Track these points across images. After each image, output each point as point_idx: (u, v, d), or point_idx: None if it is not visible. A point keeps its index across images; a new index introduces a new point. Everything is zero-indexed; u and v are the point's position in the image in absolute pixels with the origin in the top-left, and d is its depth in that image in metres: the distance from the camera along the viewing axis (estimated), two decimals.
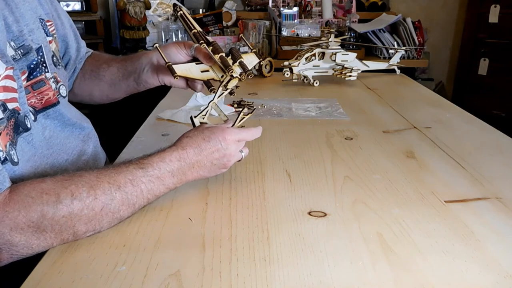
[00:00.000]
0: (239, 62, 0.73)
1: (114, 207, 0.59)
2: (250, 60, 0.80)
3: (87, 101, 0.96)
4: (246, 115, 0.77)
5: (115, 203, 0.59)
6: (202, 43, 0.74)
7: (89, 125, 0.85)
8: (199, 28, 0.79)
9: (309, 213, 0.66)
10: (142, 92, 0.93)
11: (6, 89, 0.59)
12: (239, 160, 0.74)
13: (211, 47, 0.75)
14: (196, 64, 0.76)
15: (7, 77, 0.59)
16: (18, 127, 0.62)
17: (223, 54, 0.73)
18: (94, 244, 0.58)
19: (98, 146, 0.88)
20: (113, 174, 0.60)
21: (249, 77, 0.73)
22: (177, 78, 0.73)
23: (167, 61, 0.72)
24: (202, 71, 0.75)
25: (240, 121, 0.75)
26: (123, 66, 0.89)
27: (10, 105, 0.60)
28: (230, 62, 0.74)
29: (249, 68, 0.74)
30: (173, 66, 0.72)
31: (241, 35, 1.17)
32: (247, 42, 0.90)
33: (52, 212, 0.54)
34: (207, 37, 0.79)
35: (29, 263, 0.55)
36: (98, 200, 0.57)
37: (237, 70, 0.73)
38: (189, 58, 0.80)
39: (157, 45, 0.75)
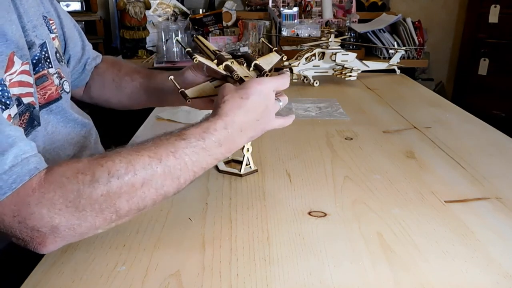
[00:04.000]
0: (254, 65, 0.73)
1: (157, 182, 0.55)
2: (270, 60, 0.78)
3: (103, 105, 0.95)
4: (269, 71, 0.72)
5: (157, 178, 0.55)
6: (195, 59, 0.72)
7: (90, 122, 0.85)
8: (213, 47, 0.78)
9: (309, 213, 0.66)
10: None
11: (21, 83, 0.59)
12: (277, 112, 0.68)
13: (215, 61, 0.74)
14: (211, 82, 0.75)
15: (23, 72, 0.60)
16: (33, 121, 0.62)
17: (228, 63, 0.73)
18: (94, 244, 0.58)
19: (98, 143, 0.88)
20: (153, 147, 0.57)
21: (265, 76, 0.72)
22: (189, 102, 0.71)
23: (179, 88, 0.70)
24: (216, 87, 0.74)
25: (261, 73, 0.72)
26: (146, 82, 0.88)
27: (25, 100, 0.60)
28: (245, 68, 0.73)
29: (266, 69, 0.73)
30: (186, 91, 0.71)
31: (262, 38, 1.15)
32: (267, 43, 0.90)
33: (89, 191, 0.52)
34: (216, 50, 0.77)
35: (29, 263, 0.55)
36: (138, 176, 0.54)
37: (253, 74, 0.73)
38: (207, 76, 0.79)
39: (172, 77, 0.73)
